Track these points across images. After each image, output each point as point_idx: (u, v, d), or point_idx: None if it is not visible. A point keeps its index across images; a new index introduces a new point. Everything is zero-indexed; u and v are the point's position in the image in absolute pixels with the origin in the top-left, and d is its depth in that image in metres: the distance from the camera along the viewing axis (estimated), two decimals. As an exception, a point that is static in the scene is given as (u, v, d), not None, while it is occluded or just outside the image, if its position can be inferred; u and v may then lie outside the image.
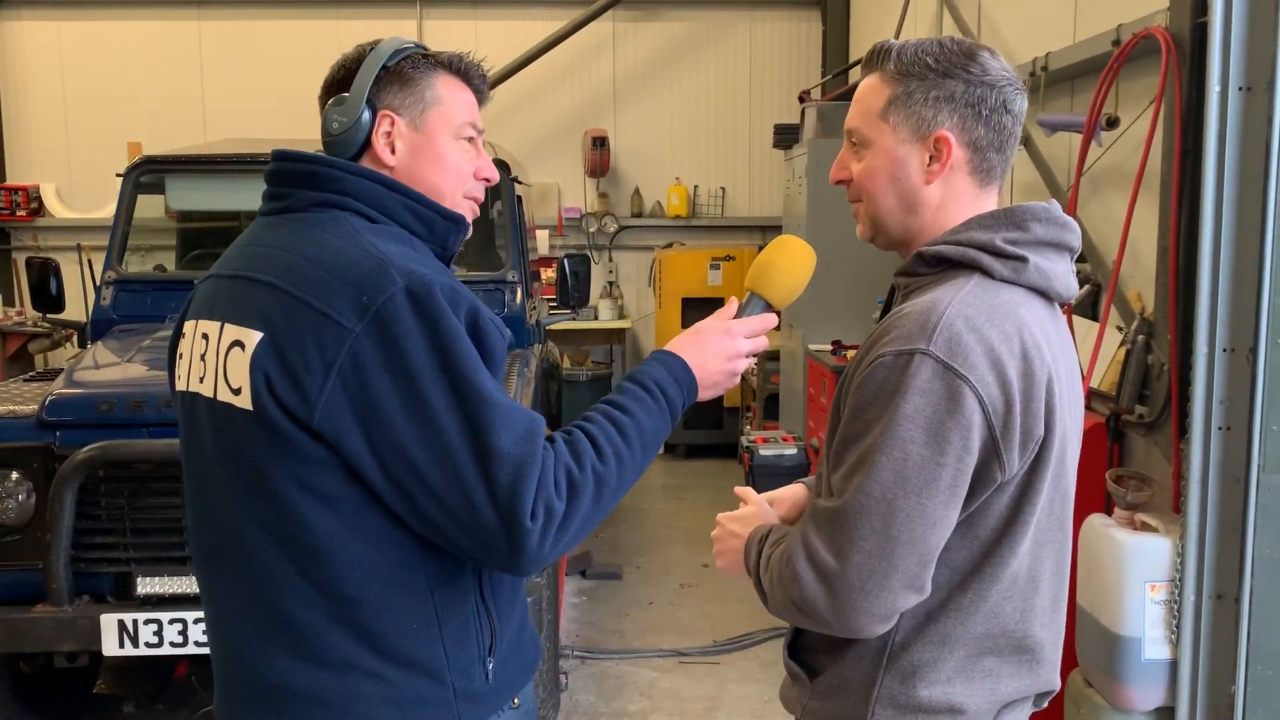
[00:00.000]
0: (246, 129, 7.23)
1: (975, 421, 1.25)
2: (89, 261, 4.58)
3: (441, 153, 1.48)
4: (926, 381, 1.25)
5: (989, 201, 1.42)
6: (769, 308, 1.55)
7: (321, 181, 1.43)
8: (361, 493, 1.32)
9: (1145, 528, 2.96)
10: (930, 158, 1.38)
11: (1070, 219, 1.42)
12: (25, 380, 3.79)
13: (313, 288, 1.31)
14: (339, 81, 1.48)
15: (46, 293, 4.19)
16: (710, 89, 8.22)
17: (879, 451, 1.26)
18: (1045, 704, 1.47)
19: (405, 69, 1.46)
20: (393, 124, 1.46)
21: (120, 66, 7.88)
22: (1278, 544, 2.72)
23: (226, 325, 1.37)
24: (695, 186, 8.24)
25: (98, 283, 4.09)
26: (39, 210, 7.86)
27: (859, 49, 7.56)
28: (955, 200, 1.39)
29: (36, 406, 3.05)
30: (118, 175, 4.25)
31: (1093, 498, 3.15)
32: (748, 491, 1.61)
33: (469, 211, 1.53)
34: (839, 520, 1.28)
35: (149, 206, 4.40)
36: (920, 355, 1.26)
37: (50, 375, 3.85)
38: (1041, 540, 1.37)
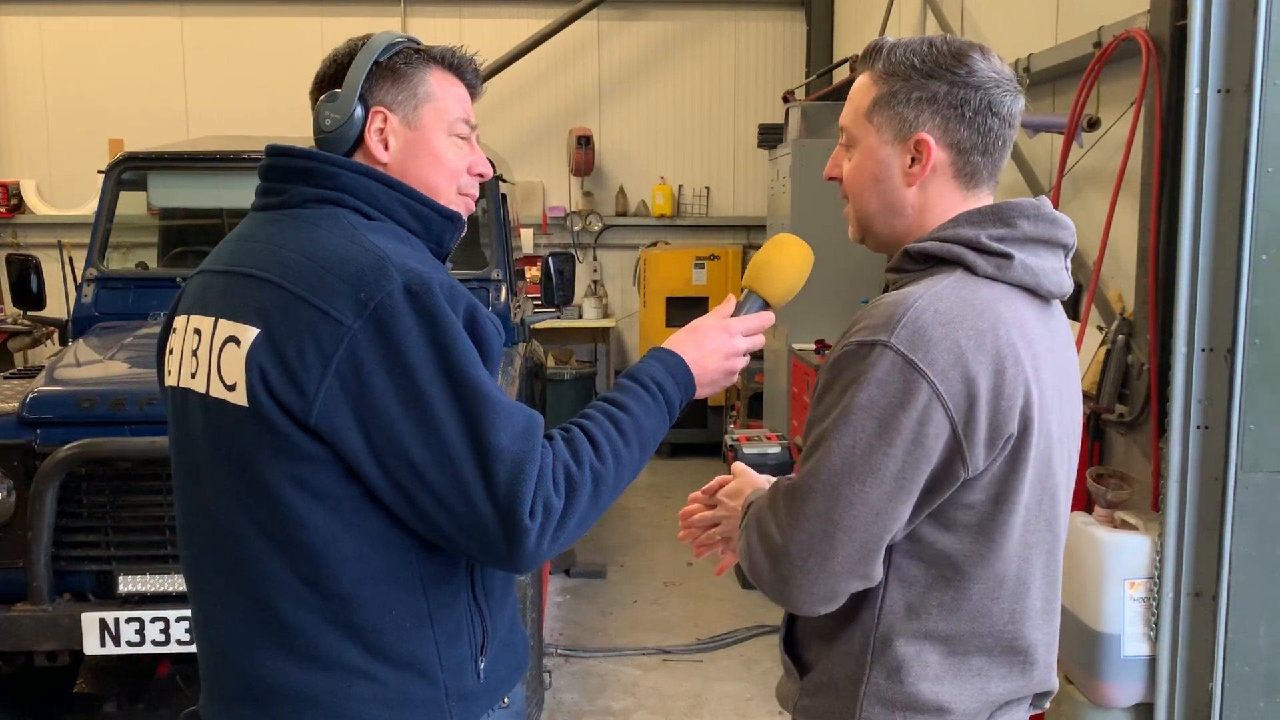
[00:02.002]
0: (229, 126, 7.20)
1: (931, 416, 1.25)
2: (70, 259, 4.56)
3: (435, 149, 1.47)
4: (884, 373, 1.26)
5: (978, 203, 1.41)
6: (766, 306, 1.56)
7: (318, 178, 1.42)
8: (357, 491, 1.31)
9: (1125, 525, 2.99)
10: (911, 160, 1.37)
11: (1062, 215, 1.41)
12: (5, 378, 3.77)
13: (310, 284, 1.30)
14: (330, 77, 1.46)
15: (27, 290, 4.16)
16: (695, 88, 8.23)
17: (831, 438, 1.28)
18: (1045, 705, 1.47)
19: (397, 64, 1.45)
20: (385, 120, 1.45)
21: (102, 63, 7.82)
22: (1255, 542, 2.75)
23: (221, 321, 1.36)
24: (680, 186, 8.25)
25: (79, 280, 4.07)
26: (19, 207, 7.79)
27: (843, 49, 7.59)
28: (939, 203, 1.39)
29: (17, 404, 3.03)
30: (100, 172, 4.22)
31: (1073, 496, 3.17)
32: (738, 465, 1.63)
33: (463, 208, 1.52)
34: (789, 498, 1.32)
35: (131, 203, 4.37)
36: (882, 347, 1.27)
37: (31, 373, 3.83)
38: (1030, 541, 1.37)
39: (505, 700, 1.51)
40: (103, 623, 2.93)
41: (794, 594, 1.32)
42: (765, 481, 1.56)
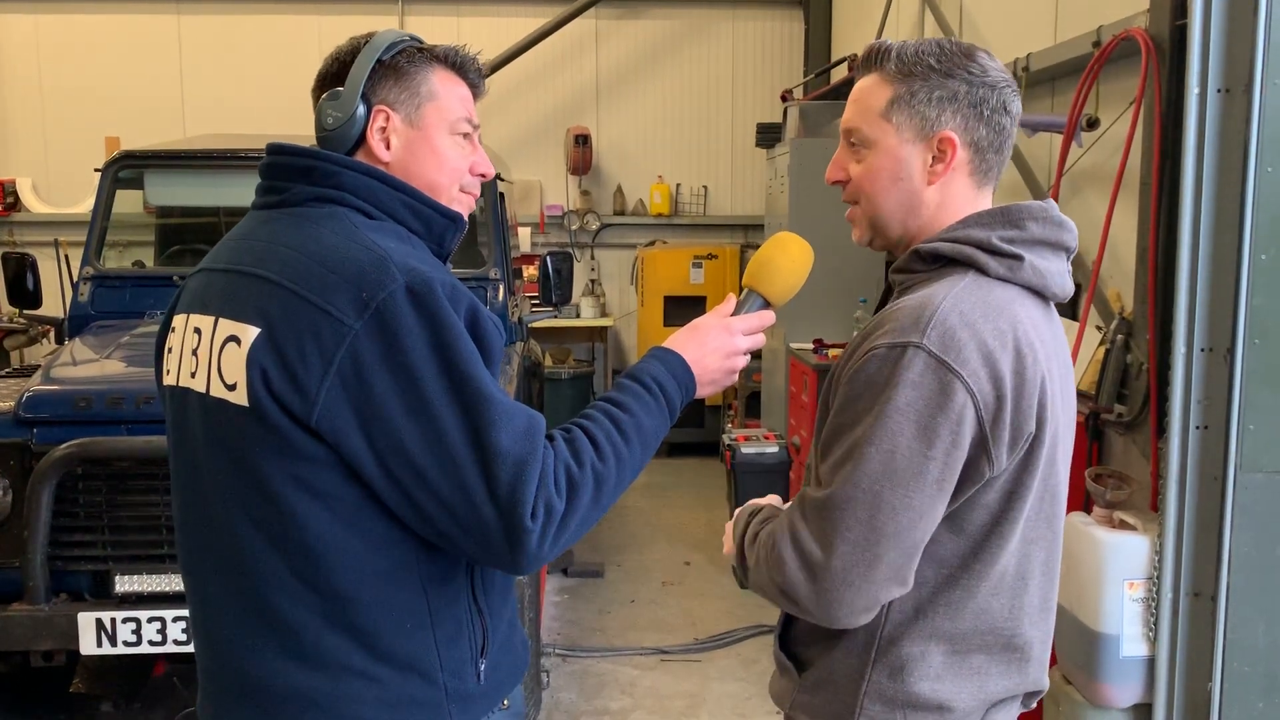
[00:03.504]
0: (226, 124, 7.17)
1: (966, 416, 1.26)
2: (66, 257, 4.54)
3: (437, 148, 1.47)
4: (918, 375, 1.25)
5: (985, 202, 1.43)
6: (767, 305, 1.55)
7: (319, 176, 1.41)
8: (359, 491, 1.30)
9: (1124, 526, 2.99)
10: (934, 158, 1.38)
11: (1067, 219, 1.43)
12: (2, 376, 3.76)
13: (312, 283, 1.29)
14: (333, 75, 1.46)
15: (23, 288, 4.15)
16: (693, 87, 8.22)
17: (868, 443, 1.27)
18: (1034, 704, 1.48)
19: (400, 63, 1.45)
20: (388, 119, 1.44)
21: (98, 60, 7.80)
22: (1255, 542, 2.75)
23: (221, 320, 1.35)
24: (678, 185, 8.24)
25: (75, 278, 4.06)
26: (15, 205, 7.77)
27: (841, 48, 7.58)
28: (954, 201, 1.40)
29: (13, 403, 3.02)
30: (96, 170, 4.21)
31: (1072, 496, 3.16)
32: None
33: (465, 207, 1.52)
34: (826, 510, 1.29)
35: (127, 202, 4.36)
36: (913, 349, 1.26)
37: (27, 372, 3.82)
38: (1030, 538, 1.38)
39: (505, 702, 1.51)
40: (99, 623, 2.92)
41: (834, 609, 1.30)
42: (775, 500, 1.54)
